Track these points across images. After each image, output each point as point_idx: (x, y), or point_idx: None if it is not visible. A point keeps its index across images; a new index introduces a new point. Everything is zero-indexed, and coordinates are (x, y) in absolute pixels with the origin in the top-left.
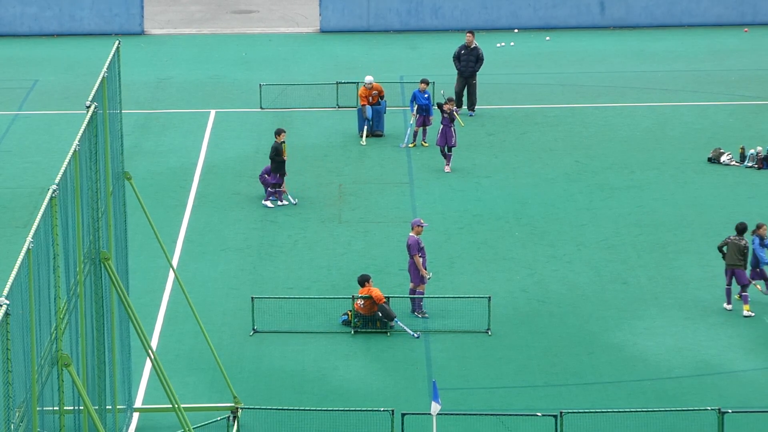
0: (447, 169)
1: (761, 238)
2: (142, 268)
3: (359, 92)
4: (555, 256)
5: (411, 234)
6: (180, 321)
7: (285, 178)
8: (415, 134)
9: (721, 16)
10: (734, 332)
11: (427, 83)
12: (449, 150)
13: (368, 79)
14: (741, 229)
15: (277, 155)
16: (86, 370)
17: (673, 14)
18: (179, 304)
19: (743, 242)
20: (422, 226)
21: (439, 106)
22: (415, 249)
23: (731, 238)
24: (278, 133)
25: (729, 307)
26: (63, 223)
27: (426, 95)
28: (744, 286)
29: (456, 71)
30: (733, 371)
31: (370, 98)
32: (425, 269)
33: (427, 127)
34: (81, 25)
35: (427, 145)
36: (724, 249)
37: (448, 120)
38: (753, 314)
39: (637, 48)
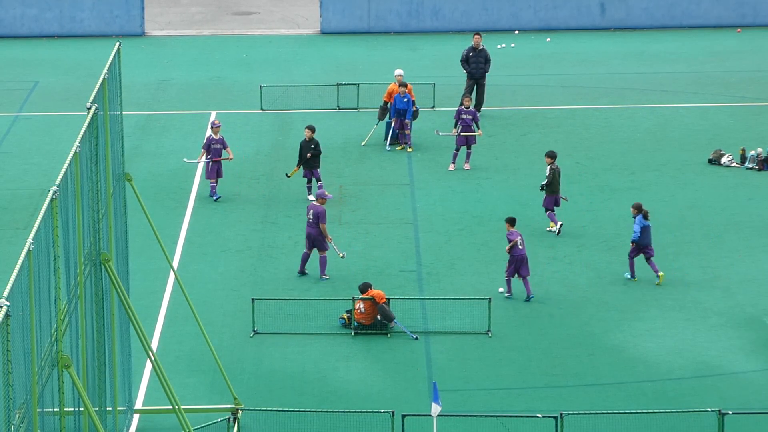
0: (467, 166)
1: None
2: (143, 270)
3: (388, 88)
4: (555, 258)
5: (316, 203)
6: (180, 322)
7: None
8: (398, 136)
9: (721, 17)
10: (734, 334)
11: (405, 85)
12: (469, 147)
13: (398, 72)
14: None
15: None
16: (86, 372)
17: (674, 16)
18: (179, 306)
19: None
20: (326, 198)
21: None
22: (324, 217)
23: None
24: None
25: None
26: (63, 225)
27: (405, 99)
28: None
29: (465, 73)
30: (733, 373)
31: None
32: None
33: (406, 132)
34: (81, 26)
35: (411, 150)
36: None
37: (471, 120)
38: (555, 231)
39: (638, 49)
